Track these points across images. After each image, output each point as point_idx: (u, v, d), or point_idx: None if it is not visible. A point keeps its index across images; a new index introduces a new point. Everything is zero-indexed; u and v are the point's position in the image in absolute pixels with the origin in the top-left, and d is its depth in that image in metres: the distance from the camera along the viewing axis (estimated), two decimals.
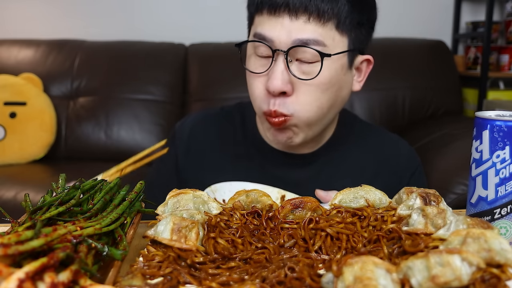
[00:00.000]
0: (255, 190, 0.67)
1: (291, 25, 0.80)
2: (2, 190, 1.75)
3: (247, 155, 1.00)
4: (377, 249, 0.56)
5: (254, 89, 0.86)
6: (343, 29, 0.83)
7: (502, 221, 0.63)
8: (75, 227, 0.52)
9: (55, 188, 0.69)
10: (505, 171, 0.62)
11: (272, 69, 0.82)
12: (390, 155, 1.03)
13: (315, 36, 0.80)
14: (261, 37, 0.82)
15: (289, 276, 0.48)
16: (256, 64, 0.85)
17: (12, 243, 0.43)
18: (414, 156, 1.05)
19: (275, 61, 0.82)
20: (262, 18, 0.83)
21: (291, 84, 0.82)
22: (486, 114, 0.64)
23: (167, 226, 0.55)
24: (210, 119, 1.06)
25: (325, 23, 0.81)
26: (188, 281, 0.48)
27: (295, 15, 0.80)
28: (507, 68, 2.60)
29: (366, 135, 1.05)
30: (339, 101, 0.90)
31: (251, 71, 0.86)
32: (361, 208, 0.65)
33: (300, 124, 0.86)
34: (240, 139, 1.02)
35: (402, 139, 1.09)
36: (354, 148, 1.01)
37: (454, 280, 0.44)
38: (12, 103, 2.14)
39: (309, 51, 0.80)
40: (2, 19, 2.62)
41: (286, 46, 0.80)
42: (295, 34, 0.80)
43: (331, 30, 0.82)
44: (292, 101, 0.83)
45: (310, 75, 0.82)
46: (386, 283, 0.45)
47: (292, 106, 0.83)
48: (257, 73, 0.84)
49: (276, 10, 0.80)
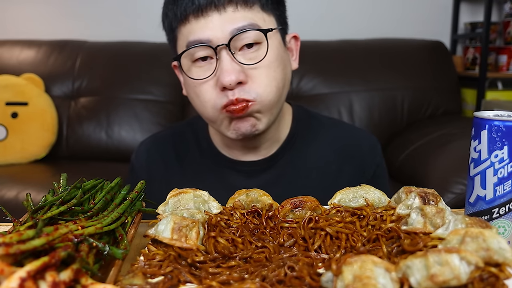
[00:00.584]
0: (255, 190, 0.67)
1: (222, 18, 0.81)
2: (4, 190, 1.75)
3: (206, 170, 0.98)
4: (376, 248, 0.56)
5: (204, 94, 0.85)
6: (267, 9, 0.85)
7: (501, 221, 0.63)
8: (76, 227, 0.52)
9: (57, 188, 0.69)
10: (503, 171, 0.62)
11: (220, 66, 0.81)
12: (351, 147, 1.01)
13: (248, 21, 0.82)
14: (196, 42, 0.82)
15: (289, 275, 0.48)
16: (199, 72, 0.84)
17: (13, 242, 0.43)
18: (376, 147, 1.03)
19: (220, 58, 0.81)
20: (190, 26, 0.83)
21: (243, 73, 0.81)
22: (485, 114, 0.64)
23: (168, 226, 0.55)
24: (162, 142, 1.05)
25: (252, 7, 0.83)
26: (188, 280, 0.48)
27: (223, 8, 0.81)
28: (505, 68, 2.60)
29: (324, 129, 1.03)
30: (287, 79, 0.90)
31: (198, 79, 0.84)
32: (361, 207, 0.65)
33: (263, 109, 0.85)
34: (196, 155, 1.01)
35: (361, 129, 1.08)
36: (313, 144, 1.00)
37: (452, 279, 0.44)
38: (13, 103, 2.14)
39: (249, 35, 0.81)
40: (4, 19, 2.62)
41: (225, 40, 0.81)
42: (230, 26, 0.81)
43: (259, 12, 0.84)
44: (251, 86, 0.83)
45: (258, 59, 0.82)
46: (385, 282, 0.45)
47: (253, 91, 0.82)
48: (205, 78, 0.83)
49: (203, 11, 0.81)
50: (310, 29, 2.61)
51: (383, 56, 2.36)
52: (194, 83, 0.85)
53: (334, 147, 1.00)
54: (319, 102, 2.24)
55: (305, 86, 2.28)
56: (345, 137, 1.02)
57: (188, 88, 0.90)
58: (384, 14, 2.70)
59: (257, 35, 0.82)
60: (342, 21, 2.66)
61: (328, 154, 0.99)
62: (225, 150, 0.98)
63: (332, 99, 2.25)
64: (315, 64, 2.31)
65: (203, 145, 1.00)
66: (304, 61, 2.31)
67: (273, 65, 0.85)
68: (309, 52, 2.36)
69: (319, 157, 0.98)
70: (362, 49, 2.37)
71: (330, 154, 0.99)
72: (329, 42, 2.40)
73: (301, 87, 2.28)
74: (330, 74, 2.29)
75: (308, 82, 2.28)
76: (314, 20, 2.63)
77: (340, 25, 2.64)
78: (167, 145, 1.04)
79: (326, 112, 2.22)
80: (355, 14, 2.66)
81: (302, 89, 2.27)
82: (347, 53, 2.34)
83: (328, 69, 2.30)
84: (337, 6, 2.65)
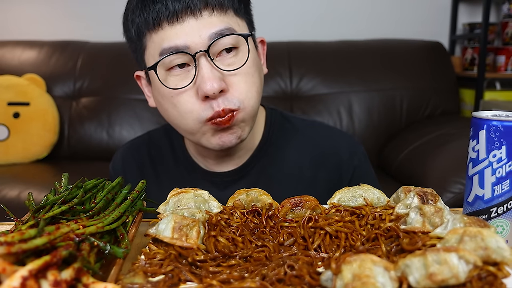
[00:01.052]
0: (255, 189, 0.67)
1: (198, 24, 0.77)
2: (6, 189, 1.75)
3: (181, 179, 0.95)
4: (375, 247, 0.56)
5: (184, 105, 0.80)
6: (240, 13, 0.83)
7: (499, 220, 0.63)
8: (77, 226, 0.52)
9: (58, 187, 0.69)
10: (501, 171, 0.62)
11: (200, 73, 0.77)
12: (328, 149, 0.96)
13: (225, 25, 0.78)
14: (172, 49, 0.77)
15: (289, 274, 0.48)
16: (176, 81, 0.79)
17: (15, 241, 0.43)
18: (355, 149, 0.98)
19: (199, 65, 0.77)
20: (163, 32, 0.78)
21: (223, 80, 0.78)
22: (483, 114, 0.64)
23: (169, 225, 0.55)
24: (138, 148, 1.02)
25: (227, 12, 0.80)
26: (189, 279, 0.48)
27: (199, 13, 0.77)
28: (503, 69, 2.60)
29: (298, 133, 0.98)
30: (262, 84, 0.87)
31: (175, 89, 0.79)
32: (360, 206, 0.65)
33: (246, 116, 0.82)
34: (171, 163, 0.98)
35: (341, 132, 1.04)
36: (287, 150, 0.96)
37: (451, 278, 0.44)
38: (15, 103, 2.14)
39: (227, 41, 0.78)
40: (6, 20, 2.62)
41: (204, 46, 0.76)
42: (207, 31, 0.77)
43: (233, 16, 0.81)
44: (233, 94, 0.79)
45: (237, 65, 0.79)
46: (384, 280, 0.45)
47: (235, 99, 0.79)
48: (183, 87, 0.78)
49: (177, 17, 0.76)
50: (310, 30, 2.61)
51: (382, 56, 2.36)
52: (171, 93, 0.80)
53: (309, 152, 0.96)
54: (319, 102, 2.24)
55: (304, 86, 2.28)
56: (320, 141, 0.98)
57: (162, 99, 0.83)
58: (383, 15, 2.70)
59: (235, 40, 0.79)
60: (341, 22, 2.66)
61: (302, 160, 0.95)
62: (198, 160, 0.96)
63: (331, 100, 2.25)
64: (315, 64, 2.31)
65: (178, 153, 0.98)
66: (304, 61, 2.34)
67: (251, 71, 0.82)
68: (309, 52, 2.36)
69: (292, 164, 0.95)
70: (362, 50, 2.37)
71: (304, 159, 0.95)
72: (329, 43, 2.40)
73: (301, 87, 2.28)
74: (329, 75, 2.30)
75: (307, 83, 2.28)
76: (314, 21, 2.63)
77: (339, 26, 2.64)
78: (143, 152, 1.01)
79: (326, 112, 2.22)
80: (354, 15, 2.66)
81: (301, 89, 2.28)
82: (346, 54, 2.34)
83: (327, 70, 2.30)
84: (337, 7, 2.65)
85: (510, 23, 2.57)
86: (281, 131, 0.97)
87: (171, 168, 0.98)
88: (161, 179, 0.98)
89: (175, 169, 0.97)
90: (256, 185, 0.90)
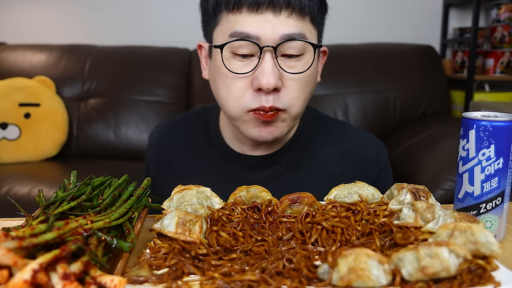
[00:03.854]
0: (255, 186, 0.67)
1: (275, 21, 0.76)
2: (17, 186, 1.75)
3: (211, 160, 0.95)
4: (370, 241, 0.56)
5: (235, 89, 0.79)
6: (315, 23, 0.81)
7: (488, 215, 0.63)
8: (85, 221, 0.52)
9: (67, 184, 0.69)
10: (490, 168, 0.62)
11: (261, 67, 0.76)
12: (357, 151, 0.96)
13: (298, 30, 0.77)
14: (243, 35, 0.76)
15: (287, 267, 0.48)
16: (237, 64, 0.78)
17: (26, 236, 0.43)
18: (382, 152, 0.99)
19: (263, 58, 0.76)
20: (240, 17, 0.76)
21: (280, 79, 0.78)
22: (472, 115, 0.64)
23: (172, 220, 0.55)
24: (175, 126, 1.03)
25: (304, 17, 0.78)
26: (192, 272, 0.48)
27: (278, 10, 0.75)
28: (492, 71, 2.59)
29: (331, 131, 0.98)
30: (312, 93, 0.87)
31: (234, 72, 0.78)
32: (355, 203, 0.65)
33: (288, 119, 0.82)
34: (205, 144, 0.97)
35: (369, 134, 1.03)
36: (319, 145, 0.96)
37: (442, 270, 0.44)
38: (26, 104, 2.13)
39: (297, 45, 0.77)
40: (17, 25, 2.62)
41: (273, 42, 0.76)
42: (281, 30, 0.76)
43: (308, 23, 0.79)
44: (284, 95, 0.79)
45: (296, 69, 0.78)
46: (378, 273, 0.45)
47: (284, 100, 0.79)
48: (242, 73, 0.78)
49: (258, 7, 0.75)
50: None
51: (376, 59, 2.36)
52: (228, 74, 0.79)
53: (338, 150, 0.96)
54: (316, 103, 2.24)
55: None
56: (350, 140, 0.98)
57: (218, 77, 0.82)
58: (377, 20, 2.70)
59: (303, 46, 0.78)
60: (336, 26, 2.64)
61: (331, 157, 0.95)
62: (232, 143, 0.95)
63: (328, 101, 2.25)
64: None
65: (212, 135, 0.97)
66: None
67: (307, 79, 0.81)
68: None
69: (321, 159, 0.94)
70: (356, 53, 2.37)
71: (333, 156, 0.95)
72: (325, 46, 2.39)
73: None
74: (326, 77, 2.27)
75: None
76: None
77: (335, 30, 2.62)
78: (179, 130, 1.01)
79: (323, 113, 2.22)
80: (349, 20, 2.65)
81: None
82: (342, 57, 2.33)
83: (324, 72, 2.29)
84: (332, 12, 2.61)
85: (498, 28, 2.57)
86: (314, 127, 0.97)
87: (203, 148, 0.97)
88: (192, 156, 0.97)
89: (207, 149, 0.96)
90: (285, 173, 0.92)
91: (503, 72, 2.57)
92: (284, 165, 0.93)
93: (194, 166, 0.97)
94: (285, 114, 0.81)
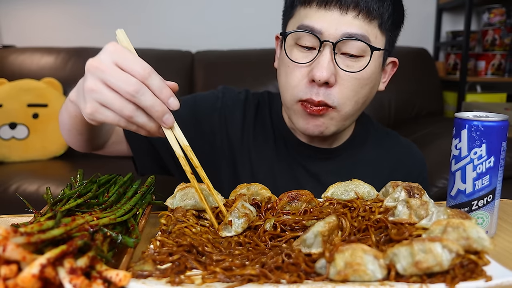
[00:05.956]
0: (255, 184, 0.67)
1: (340, 19, 0.76)
2: (26, 184, 1.75)
3: (274, 141, 0.94)
4: (366, 237, 0.56)
5: (292, 78, 0.80)
6: (384, 29, 0.80)
7: (479, 212, 0.63)
8: (92, 218, 0.52)
9: (74, 182, 0.69)
10: (481, 167, 0.62)
11: (318, 60, 0.76)
12: (403, 160, 0.98)
13: (362, 31, 0.76)
14: (308, 28, 0.77)
15: (286, 262, 0.48)
16: (298, 55, 0.79)
17: (34, 232, 0.43)
18: (424, 163, 1.00)
19: (321, 52, 0.76)
20: (310, 11, 0.78)
21: (334, 75, 0.77)
22: (465, 115, 0.64)
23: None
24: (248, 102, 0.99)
25: (371, 21, 0.77)
26: (194, 267, 0.48)
27: (345, 10, 0.75)
28: (483, 73, 2.59)
29: (382, 137, 1.00)
30: (369, 98, 0.86)
31: (294, 61, 0.79)
32: (351, 200, 0.65)
33: (337, 117, 0.81)
34: (269, 126, 0.96)
35: (413, 145, 1.03)
36: (371, 149, 0.97)
37: (435, 265, 0.44)
38: (34, 105, 2.14)
39: (357, 45, 0.76)
40: (26, 28, 2.62)
41: (334, 38, 0.76)
42: (344, 28, 0.75)
43: (375, 28, 0.78)
44: (336, 93, 0.78)
45: (354, 69, 0.78)
46: (374, 268, 0.45)
47: (335, 97, 0.78)
48: (301, 63, 0.79)
49: (326, 3, 0.76)
50: None
51: None
52: (289, 63, 0.80)
53: (387, 156, 0.97)
54: None
55: None
56: (399, 148, 1.00)
57: (281, 64, 0.84)
58: None
59: (362, 48, 0.77)
60: None
61: (382, 159, 0.96)
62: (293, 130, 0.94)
63: None
64: None
65: (274, 119, 0.96)
66: None
67: (363, 82, 0.80)
68: None
69: (373, 161, 0.95)
70: None
71: (384, 159, 0.96)
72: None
73: None
74: None
75: None
76: None
77: None
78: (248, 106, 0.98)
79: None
80: None
81: None
82: None
83: None
84: None
85: (489, 31, 2.57)
86: (367, 132, 0.98)
87: (268, 129, 0.96)
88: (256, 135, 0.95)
89: (271, 131, 0.95)
90: (341, 169, 0.93)
91: (494, 74, 2.57)
92: (342, 161, 0.94)
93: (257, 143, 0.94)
94: (334, 112, 0.80)
